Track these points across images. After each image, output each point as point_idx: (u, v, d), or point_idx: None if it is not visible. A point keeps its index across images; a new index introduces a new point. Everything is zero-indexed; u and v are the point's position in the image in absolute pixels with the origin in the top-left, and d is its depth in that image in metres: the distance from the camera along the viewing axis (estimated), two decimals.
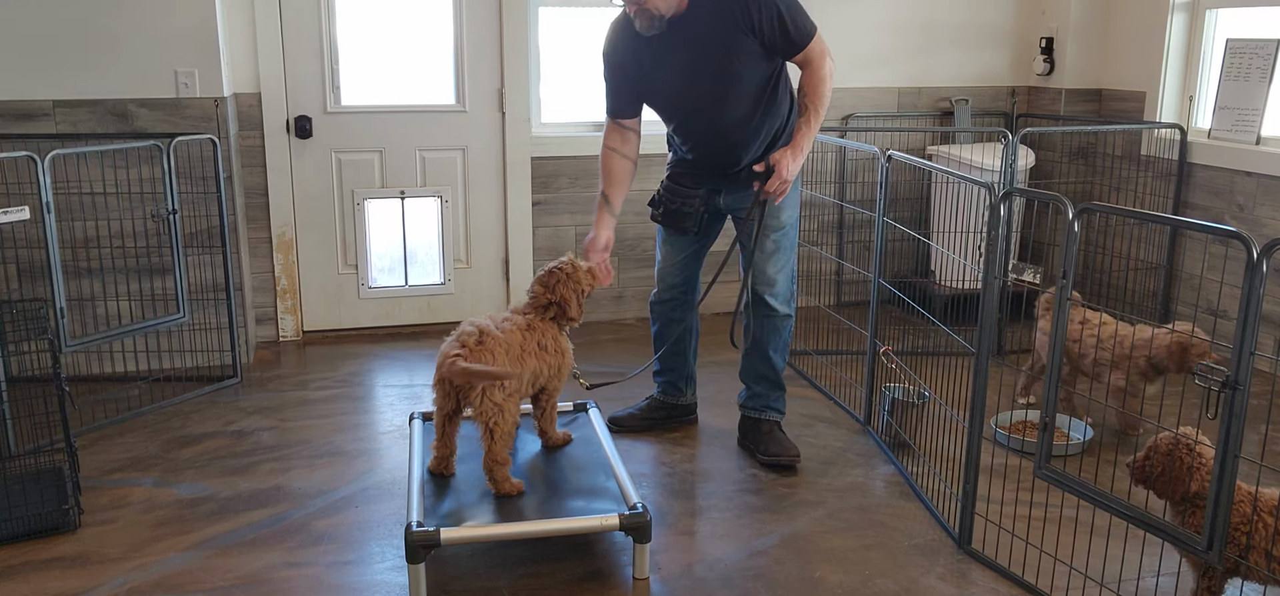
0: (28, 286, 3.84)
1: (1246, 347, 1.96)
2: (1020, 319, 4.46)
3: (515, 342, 2.64)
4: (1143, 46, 4.63)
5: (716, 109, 2.97)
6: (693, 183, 3.12)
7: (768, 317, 3.18)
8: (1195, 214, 4.39)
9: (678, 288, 3.31)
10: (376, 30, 4.38)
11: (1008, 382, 3.82)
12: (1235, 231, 2.06)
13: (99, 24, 3.77)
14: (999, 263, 2.58)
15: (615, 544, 2.71)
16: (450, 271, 4.64)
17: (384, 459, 3.28)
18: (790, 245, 3.17)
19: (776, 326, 3.20)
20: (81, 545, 2.72)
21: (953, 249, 4.17)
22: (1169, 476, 2.21)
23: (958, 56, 4.96)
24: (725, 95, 2.94)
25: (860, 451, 3.34)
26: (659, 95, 3.06)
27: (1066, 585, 2.50)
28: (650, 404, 3.51)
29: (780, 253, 3.13)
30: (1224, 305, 4.21)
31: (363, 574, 2.60)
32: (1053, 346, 2.35)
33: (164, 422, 3.57)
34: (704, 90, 2.94)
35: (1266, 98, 4.12)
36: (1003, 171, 4.00)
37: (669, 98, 3.04)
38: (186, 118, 3.89)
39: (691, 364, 3.47)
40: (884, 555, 2.69)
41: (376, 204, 4.52)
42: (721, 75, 2.90)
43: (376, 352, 4.35)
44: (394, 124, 4.43)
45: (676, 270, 3.29)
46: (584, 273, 2.87)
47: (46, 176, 3.27)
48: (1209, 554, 2.11)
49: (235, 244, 4.04)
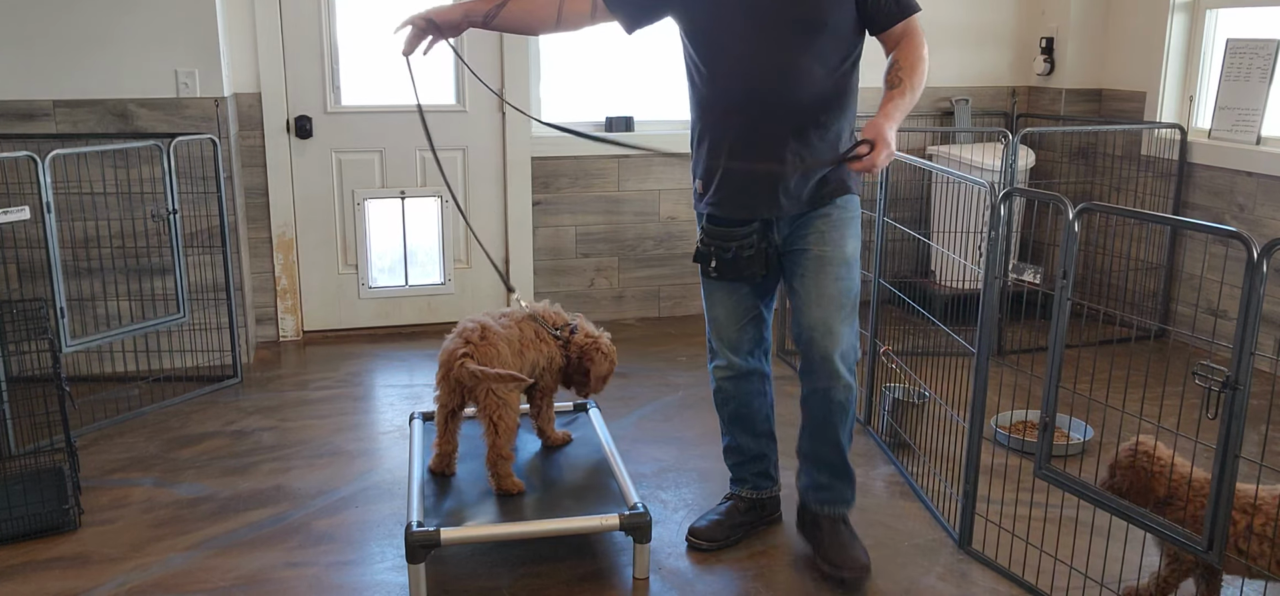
0: (28, 286, 3.84)
1: (1246, 347, 1.96)
2: (1020, 319, 4.46)
3: (515, 337, 2.65)
4: (1143, 46, 4.63)
5: (787, 65, 2.27)
6: (738, 210, 2.43)
7: (830, 389, 2.46)
8: (1195, 214, 4.38)
9: (750, 349, 2.60)
10: (376, 30, 4.38)
11: (1007, 382, 3.82)
12: (1235, 231, 2.06)
13: (99, 24, 3.77)
14: (999, 262, 2.58)
15: (615, 544, 2.71)
16: (450, 271, 4.64)
17: (384, 459, 3.28)
18: (855, 282, 2.46)
19: (842, 402, 2.48)
20: (81, 545, 2.72)
21: (953, 249, 4.17)
22: (1137, 487, 2.23)
23: (958, 56, 4.96)
24: (806, 46, 2.26)
25: (860, 451, 3.34)
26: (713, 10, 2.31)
27: (1066, 585, 2.50)
28: (733, 505, 2.77)
29: (845, 295, 2.42)
30: (1224, 305, 4.21)
31: (363, 574, 2.60)
32: (1052, 345, 2.35)
33: (164, 422, 3.57)
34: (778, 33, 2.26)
35: (1267, 98, 4.12)
36: (1003, 171, 4.00)
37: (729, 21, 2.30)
38: (186, 118, 3.89)
39: (773, 444, 2.76)
40: (884, 555, 2.68)
41: (376, 204, 4.52)
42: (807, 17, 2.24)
43: (376, 352, 4.35)
44: (394, 124, 4.43)
45: (743, 326, 2.57)
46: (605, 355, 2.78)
47: (47, 176, 3.27)
48: (1209, 553, 2.11)
49: (235, 244, 4.04)
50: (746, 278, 2.48)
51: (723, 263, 2.47)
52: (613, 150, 4.62)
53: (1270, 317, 4.08)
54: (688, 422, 3.58)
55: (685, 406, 3.73)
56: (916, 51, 2.29)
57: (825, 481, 2.60)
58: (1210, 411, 2.02)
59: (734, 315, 2.56)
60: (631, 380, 3.48)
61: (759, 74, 2.30)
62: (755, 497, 2.76)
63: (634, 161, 4.65)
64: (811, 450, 2.59)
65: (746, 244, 2.43)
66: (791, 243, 2.46)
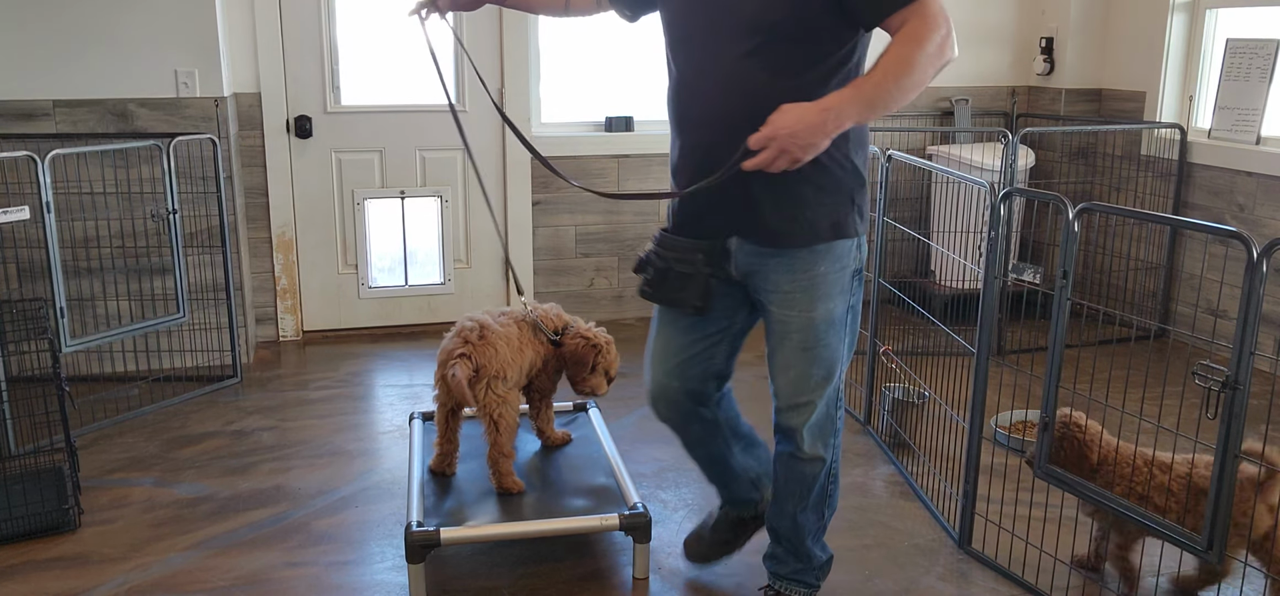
0: (28, 286, 3.84)
1: (1246, 347, 1.96)
2: (1020, 319, 4.46)
3: (514, 335, 2.66)
4: (1143, 46, 4.63)
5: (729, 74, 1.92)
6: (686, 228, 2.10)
7: (793, 456, 2.15)
8: (1195, 214, 4.38)
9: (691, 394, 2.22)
10: (376, 30, 4.38)
11: (1007, 382, 3.82)
12: (1235, 231, 2.06)
13: (99, 24, 3.77)
14: (999, 262, 2.58)
15: (615, 544, 2.71)
16: (450, 271, 4.64)
17: (384, 459, 3.28)
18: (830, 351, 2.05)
19: (800, 473, 2.16)
20: (81, 545, 2.72)
21: (953, 249, 4.17)
22: (1069, 456, 2.40)
23: (958, 56, 4.95)
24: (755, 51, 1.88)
25: (860, 451, 3.34)
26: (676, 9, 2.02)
27: (1066, 585, 2.50)
28: (718, 520, 2.55)
29: (816, 365, 2.05)
30: (1224, 305, 4.21)
31: (363, 574, 2.60)
32: (1052, 345, 2.35)
33: (164, 422, 3.57)
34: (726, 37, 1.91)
35: (1266, 98, 4.12)
36: (1003, 171, 4.00)
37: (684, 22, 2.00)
38: (186, 118, 3.89)
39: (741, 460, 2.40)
40: (884, 555, 2.68)
41: (376, 204, 4.52)
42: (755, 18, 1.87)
43: (376, 352, 4.35)
44: (394, 124, 4.43)
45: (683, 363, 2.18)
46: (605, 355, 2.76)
47: (46, 176, 3.27)
48: (1209, 553, 2.11)
49: (235, 244, 4.04)
50: (677, 304, 2.11)
51: (656, 276, 2.12)
52: (612, 149, 4.63)
53: (1270, 317, 4.08)
54: None
55: None
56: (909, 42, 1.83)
57: (779, 554, 2.30)
58: (1210, 411, 2.02)
59: (668, 349, 2.19)
60: (631, 380, 3.48)
61: (702, 82, 1.97)
62: (737, 516, 2.50)
63: (634, 161, 4.65)
64: (771, 515, 2.29)
65: (685, 261, 2.06)
66: (753, 286, 2.07)
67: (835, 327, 2.04)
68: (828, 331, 2.03)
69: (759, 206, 1.97)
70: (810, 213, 1.97)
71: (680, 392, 2.21)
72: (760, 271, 2.04)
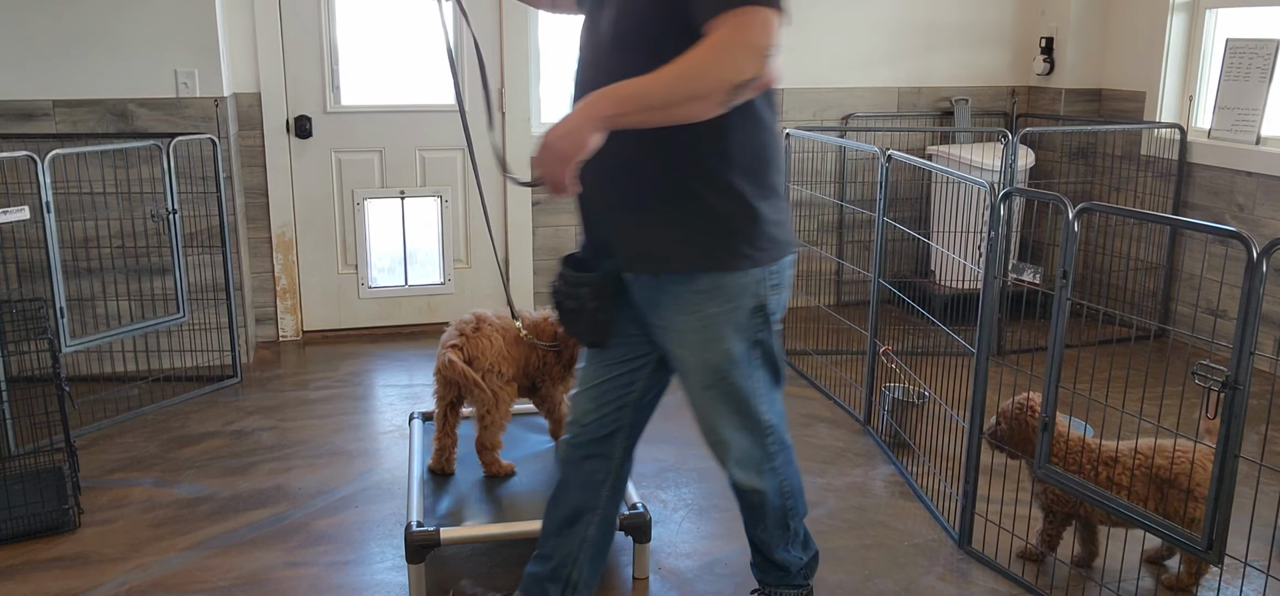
0: (28, 286, 3.84)
1: (1246, 347, 1.96)
2: (1020, 319, 4.46)
3: (511, 328, 2.68)
4: (1142, 46, 4.63)
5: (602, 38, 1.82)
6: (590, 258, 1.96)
7: (732, 487, 2.10)
8: (1195, 214, 4.38)
9: (593, 424, 2.08)
10: (376, 30, 4.38)
11: (1007, 382, 3.82)
12: (1235, 231, 2.06)
13: (99, 24, 3.77)
14: (999, 262, 2.58)
15: (615, 544, 2.70)
16: (450, 271, 4.64)
17: (384, 459, 3.28)
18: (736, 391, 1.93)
19: (746, 502, 2.10)
20: (81, 545, 2.72)
21: (953, 249, 4.17)
22: (1019, 437, 2.49)
23: (958, 56, 4.96)
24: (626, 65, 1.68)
25: (860, 451, 3.34)
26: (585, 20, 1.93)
27: (1066, 585, 2.50)
28: None
29: (724, 401, 1.95)
30: (1224, 305, 4.21)
31: (363, 574, 2.60)
32: (1052, 345, 2.35)
33: (164, 422, 3.57)
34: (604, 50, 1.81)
35: (1266, 98, 4.12)
36: (1003, 171, 4.00)
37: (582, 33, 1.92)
38: (186, 118, 3.89)
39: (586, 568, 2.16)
40: (884, 555, 2.69)
41: (376, 204, 4.52)
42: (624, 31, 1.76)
43: (376, 352, 4.35)
44: (394, 124, 4.43)
45: (592, 395, 2.07)
46: None
47: (46, 176, 3.27)
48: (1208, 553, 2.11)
49: (235, 244, 4.04)
50: (577, 336, 2.02)
51: (560, 310, 1.99)
52: None
53: (1270, 317, 4.08)
54: (688, 422, 3.57)
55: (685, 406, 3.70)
56: (708, 43, 1.60)
57: (759, 562, 2.25)
58: (1210, 411, 2.02)
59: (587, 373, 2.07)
60: None
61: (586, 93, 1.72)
62: None
63: None
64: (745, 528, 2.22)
65: (571, 295, 1.94)
66: (649, 323, 1.95)
67: (737, 367, 1.90)
68: (729, 371, 1.90)
69: (625, 233, 1.86)
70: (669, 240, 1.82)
71: (593, 429, 2.08)
72: (653, 308, 1.91)
